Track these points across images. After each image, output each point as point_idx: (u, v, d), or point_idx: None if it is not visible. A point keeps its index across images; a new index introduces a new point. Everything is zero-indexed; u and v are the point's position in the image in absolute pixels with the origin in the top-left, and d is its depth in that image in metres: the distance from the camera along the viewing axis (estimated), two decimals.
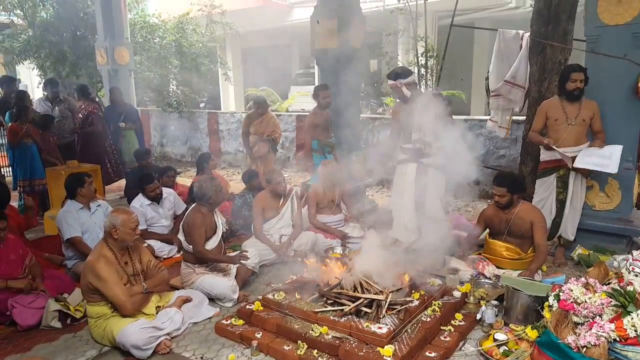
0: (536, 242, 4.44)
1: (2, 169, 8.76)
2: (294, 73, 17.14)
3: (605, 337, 2.91)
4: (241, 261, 4.56)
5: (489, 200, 7.00)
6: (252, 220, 5.33)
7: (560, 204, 4.98)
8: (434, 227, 4.74)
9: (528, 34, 5.96)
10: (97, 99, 10.90)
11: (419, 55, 8.73)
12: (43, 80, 10.55)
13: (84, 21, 11.11)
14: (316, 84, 12.10)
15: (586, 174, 4.91)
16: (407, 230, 4.91)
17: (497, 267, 4.55)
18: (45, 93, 8.67)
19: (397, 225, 5.06)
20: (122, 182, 8.43)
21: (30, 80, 17.39)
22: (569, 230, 5.03)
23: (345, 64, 6.30)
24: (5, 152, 8.11)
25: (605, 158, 4.61)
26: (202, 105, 17.10)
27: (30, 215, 5.57)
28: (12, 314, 3.90)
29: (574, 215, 5.01)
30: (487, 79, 6.57)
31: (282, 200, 5.40)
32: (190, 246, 4.42)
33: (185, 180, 9.26)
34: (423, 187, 4.84)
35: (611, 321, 3.00)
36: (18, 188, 7.17)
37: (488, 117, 6.96)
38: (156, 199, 5.61)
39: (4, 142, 8.22)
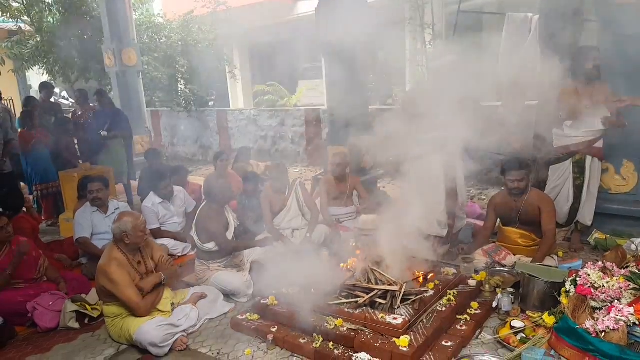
0: (543, 228, 4.38)
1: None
2: (301, 67, 17.07)
3: (624, 321, 2.86)
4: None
5: (502, 188, 6.93)
6: (263, 217, 5.34)
7: (578, 190, 4.89)
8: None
9: (537, 16, 5.87)
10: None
11: (427, 43, 8.66)
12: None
13: (90, 24, 11.16)
14: (324, 77, 12.09)
15: (601, 157, 4.83)
16: (440, 224, 4.79)
17: (513, 255, 4.51)
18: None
19: (426, 221, 4.73)
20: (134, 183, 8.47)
21: None
22: (586, 215, 4.94)
23: (353, 56, 6.25)
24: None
25: None
26: (210, 103, 17.14)
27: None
28: (33, 315, 3.95)
29: (591, 201, 4.92)
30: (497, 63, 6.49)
31: (287, 192, 5.40)
32: (205, 245, 4.44)
33: (196, 179, 9.28)
34: (452, 178, 4.72)
35: (630, 305, 2.96)
36: (34, 192, 7.25)
37: (499, 104, 6.88)
38: (168, 196, 5.63)
39: None
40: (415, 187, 4.88)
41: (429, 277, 3.91)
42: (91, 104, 8.68)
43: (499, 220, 4.77)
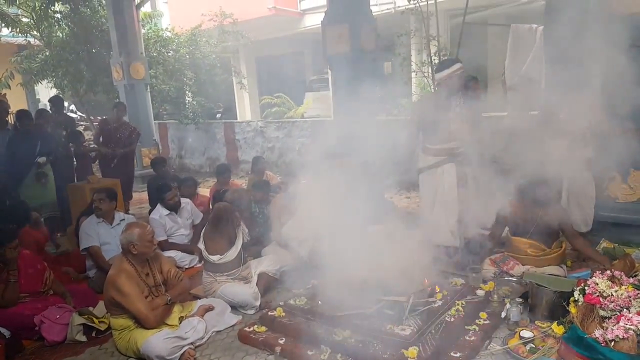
0: (573, 246, 4.45)
1: None
2: (308, 79, 17.16)
3: (634, 330, 2.83)
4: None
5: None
6: (271, 226, 5.35)
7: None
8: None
9: (542, 27, 5.89)
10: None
11: (432, 54, 8.68)
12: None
13: (99, 38, 11.30)
14: (330, 89, 12.15)
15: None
16: (453, 236, 4.74)
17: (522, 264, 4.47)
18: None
19: (439, 231, 4.76)
20: (143, 195, 8.50)
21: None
22: (580, 222, 4.86)
23: (359, 68, 6.29)
24: None
25: None
26: (218, 115, 17.25)
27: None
28: (40, 329, 3.95)
29: (578, 207, 4.84)
30: (503, 74, 6.51)
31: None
32: (212, 256, 4.45)
33: (204, 191, 9.31)
34: (465, 188, 4.67)
35: (639, 313, 2.93)
36: None
37: (505, 114, 6.88)
38: (174, 208, 5.64)
39: None
40: (428, 197, 4.89)
41: (435, 289, 3.89)
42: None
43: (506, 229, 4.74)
